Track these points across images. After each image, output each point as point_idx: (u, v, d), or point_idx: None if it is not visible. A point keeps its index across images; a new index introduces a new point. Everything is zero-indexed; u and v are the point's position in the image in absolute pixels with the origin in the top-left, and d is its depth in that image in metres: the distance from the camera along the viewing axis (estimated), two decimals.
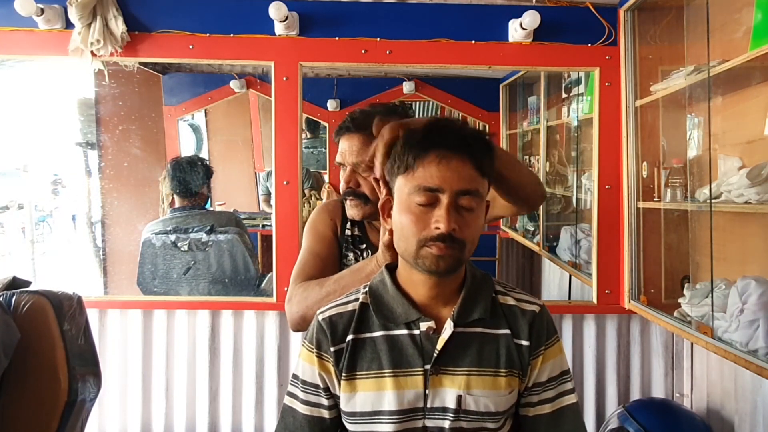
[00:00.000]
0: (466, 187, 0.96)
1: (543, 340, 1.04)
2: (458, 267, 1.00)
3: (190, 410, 2.37)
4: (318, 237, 1.46)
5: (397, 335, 1.02)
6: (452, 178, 0.95)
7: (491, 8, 2.25)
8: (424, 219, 0.96)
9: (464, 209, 0.96)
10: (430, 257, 0.96)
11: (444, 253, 0.95)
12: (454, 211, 0.95)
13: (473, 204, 0.96)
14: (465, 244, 0.96)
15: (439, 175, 0.95)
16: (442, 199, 0.95)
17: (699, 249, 1.91)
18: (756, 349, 1.50)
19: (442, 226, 0.94)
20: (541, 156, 3.23)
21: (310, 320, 1.14)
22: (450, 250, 0.95)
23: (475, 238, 0.99)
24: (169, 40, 2.20)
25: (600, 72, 2.24)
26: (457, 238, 0.95)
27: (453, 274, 1.01)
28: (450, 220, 0.94)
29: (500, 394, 1.00)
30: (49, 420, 1.44)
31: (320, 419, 1.05)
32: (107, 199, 3.09)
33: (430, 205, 0.96)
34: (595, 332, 2.37)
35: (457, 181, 0.95)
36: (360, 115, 1.38)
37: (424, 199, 0.96)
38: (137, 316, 2.35)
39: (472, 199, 0.96)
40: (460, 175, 0.95)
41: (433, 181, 0.95)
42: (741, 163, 1.72)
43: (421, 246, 0.96)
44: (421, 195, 0.96)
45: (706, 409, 2.17)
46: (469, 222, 0.96)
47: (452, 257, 0.96)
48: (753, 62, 1.54)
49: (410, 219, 0.97)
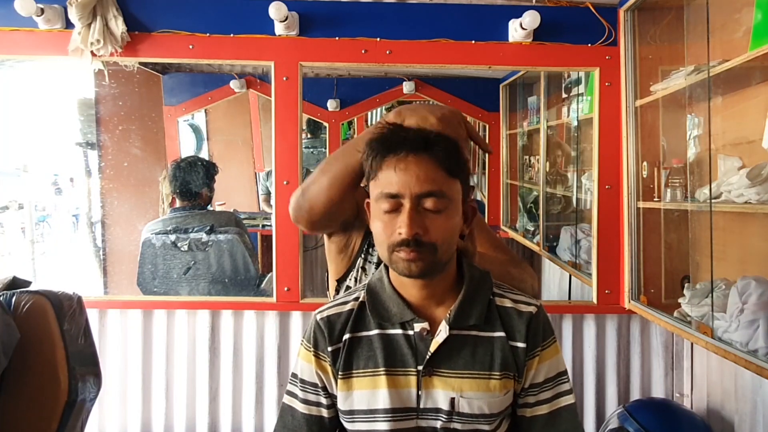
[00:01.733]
0: (427, 189, 0.94)
1: (539, 342, 1.04)
2: (436, 269, 0.98)
3: (190, 410, 2.37)
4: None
5: (393, 334, 1.02)
6: (410, 182, 0.94)
7: (491, 8, 2.25)
8: (390, 225, 0.96)
9: (429, 211, 0.95)
10: (401, 262, 0.95)
11: (411, 258, 0.94)
12: (417, 215, 0.94)
13: (439, 205, 0.95)
14: (435, 247, 0.95)
15: (397, 180, 0.94)
16: (405, 204, 0.94)
17: (699, 249, 1.91)
18: (756, 349, 1.50)
19: (404, 231, 0.93)
20: (541, 156, 3.23)
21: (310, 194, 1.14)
22: (417, 254, 0.94)
23: (449, 239, 0.97)
24: (169, 40, 2.21)
25: (600, 72, 2.24)
26: (424, 242, 0.94)
27: (434, 276, 1.00)
28: (411, 225, 0.93)
29: (494, 396, 1.00)
30: (49, 420, 1.44)
31: (319, 418, 1.05)
32: (107, 199, 3.09)
33: (395, 210, 0.95)
34: (595, 332, 2.38)
35: (416, 184, 0.94)
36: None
37: (388, 206, 0.95)
38: (137, 316, 2.35)
39: (437, 200, 0.94)
40: (420, 178, 0.94)
41: (392, 187, 0.94)
42: (741, 163, 1.72)
43: (391, 252, 0.96)
44: (384, 202, 0.96)
45: (706, 409, 2.17)
46: (437, 224, 0.95)
47: (423, 260, 0.95)
48: (753, 62, 1.54)
49: (380, 226, 0.97)
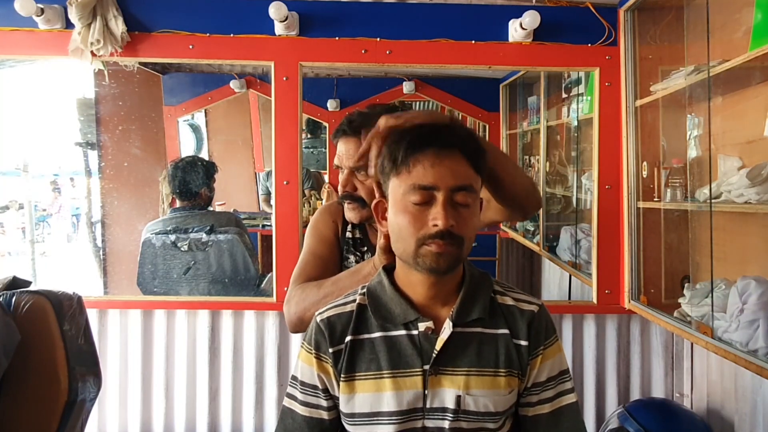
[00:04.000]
0: (460, 183, 0.96)
1: (542, 340, 1.04)
2: (457, 265, 1.00)
3: (190, 410, 2.37)
4: (319, 238, 1.46)
5: (396, 336, 1.02)
6: (446, 174, 0.95)
7: (491, 8, 2.25)
8: (421, 218, 0.96)
9: (460, 205, 0.96)
10: (430, 255, 0.95)
11: (443, 251, 0.95)
12: (451, 208, 0.95)
13: (468, 200, 0.97)
14: (463, 241, 0.96)
15: (433, 172, 0.95)
16: (438, 197, 0.95)
17: (699, 249, 1.91)
18: (756, 349, 1.50)
19: (440, 222, 0.94)
20: (541, 156, 3.23)
21: (307, 322, 1.13)
22: (449, 246, 0.95)
23: (473, 235, 0.99)
24: (169, 40, 2.20)
25: (600, 72, 2.24)
26: (456, 235, 0.95)
27: (452, 272, 1.00)
28: (447, 216, 0.94)
29: (500, 394, 1.00)
30: (49, 420, 1.44)
31: (319, 420, 1.04)
32: (107, 199, 3.09)
33: (425, 203, 0.96)
34: (595, 332, 2.38)
35: (451, 177, 0.95)
36: (358, 117, 1.35)
37: (420, 198, 0.96)
38: (137, 316, 2.35)
39: (467, 194, 0.96)
40: (454, 171, 0.96)
41: (427, 179, 0.95)
42: (741, 163, 1.72)
43: (420, 245, 0.96)
44: (417, 194, 0.96)
45: (706, 409, 2.17)
46: (466, 218, 0.97)
47: (451, 254, 0.96)
48: (753, 62, 1.54)
49: (407, 219, 0.96)
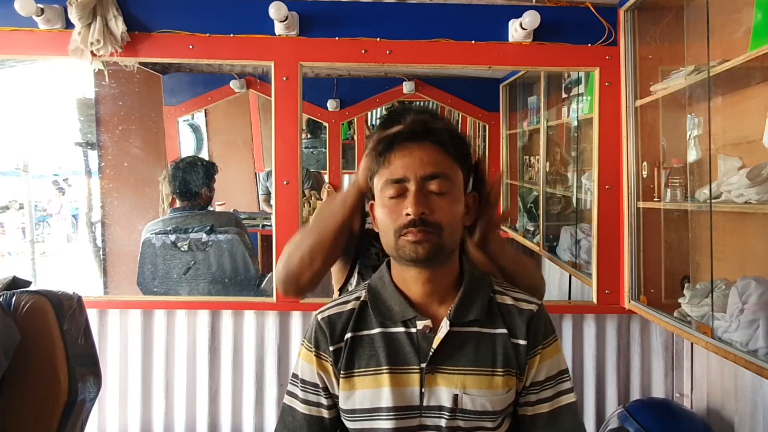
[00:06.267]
0: (431, 171, 0.98)
1: (540, 340, 1.04)
2: (441, 253, 0.99)
3: (190, 410, 2.37)
4: None
5: (395, 333, 1.02)
6: (416, 165, 0.98)
7: (491, 8, 2.25)
8: (396, 210, 0.99)
9: (435, 194, 0.98)
10: (408, 245, 0.97)
11: (419, 238, 0.96)
12: (423, 197, 0.97)
13: (443, 187, 0.98)
14: (441, 228, 0.97)
15: (402, 164, 0.99)
16: (410, 187, 0.98)
17: (699, 249, 1.91)
18: (756, 349, 1.50)
19: (411, 210, 0.96)
20: (541, 156, 3.23)
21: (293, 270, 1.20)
22: (424, 234, 0.96)
23: (453, 222, 1.00)
24: (169, 40, 2.20)
25: (600, 72, 2.24)
26: (430, 222, 0.96)
27: (438, 261, 1.01)
28: (417, 204, 0.96)
29: (497, 394, 1.00)
30: (49, 420, 1.44)
31: (319, 418, 1.05)
32: (107, 199, 3.09)
33: (400, 196, 0.99)
34: (595, 332, 2.38)
35: (421, 167, 0.98)
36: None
37: (394, 191, 0.99)
38: (137, 316, 2.35)
39: (441, 182, 0.98)
40: (423, 161, 0.98)
41: (398, 172, 0.99)
42: (741, 163, 1.72)
43: (398, 236, 0.98)
44: (391, 188, 0.99)
45: (706, 409, 2.17)
46: (442, 205, 0.98)
47: (429, 242, 0.97)
48: (753, 62, 1.54)
49: (385, 212, 1.00)
